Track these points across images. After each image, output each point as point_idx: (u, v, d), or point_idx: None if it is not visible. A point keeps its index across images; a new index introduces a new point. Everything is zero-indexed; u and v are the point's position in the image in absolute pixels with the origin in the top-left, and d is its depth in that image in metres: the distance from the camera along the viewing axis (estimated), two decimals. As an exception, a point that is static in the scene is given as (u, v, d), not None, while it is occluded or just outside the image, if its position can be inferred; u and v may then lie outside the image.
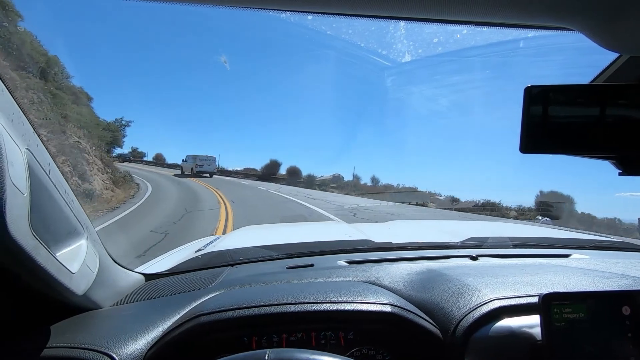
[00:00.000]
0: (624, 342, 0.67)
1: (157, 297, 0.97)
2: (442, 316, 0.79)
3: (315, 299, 0.81)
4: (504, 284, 0.86)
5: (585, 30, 0.46)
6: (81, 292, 0.74)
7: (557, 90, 0.55)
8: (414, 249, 1.34)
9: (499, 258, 1.21)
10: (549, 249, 1.35)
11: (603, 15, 0.43)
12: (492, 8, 0.42)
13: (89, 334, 0.74)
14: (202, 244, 1.67)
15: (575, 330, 0.66)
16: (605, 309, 0.68)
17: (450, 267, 1.07)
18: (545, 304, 0.67)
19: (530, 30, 0.52)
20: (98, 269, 0.82)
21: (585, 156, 0.59)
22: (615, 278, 0.89)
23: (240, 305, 0.79)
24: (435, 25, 0.49)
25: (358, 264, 1.17)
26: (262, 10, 0.45)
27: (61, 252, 0.68)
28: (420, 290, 0.91)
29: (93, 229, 0.86)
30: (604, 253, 1.34)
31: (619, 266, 1.05)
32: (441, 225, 2.35)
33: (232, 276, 1.09)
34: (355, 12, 0.45)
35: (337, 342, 0.79)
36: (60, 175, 0.72)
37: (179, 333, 0.75)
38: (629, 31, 0.44)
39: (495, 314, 0.75)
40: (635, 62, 0.54)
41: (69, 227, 0.74)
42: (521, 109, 0.55)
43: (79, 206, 0.79)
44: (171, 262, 1.37)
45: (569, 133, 0.55)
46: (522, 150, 0.55)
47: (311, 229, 2.33)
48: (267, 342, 0.78)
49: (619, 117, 0.54)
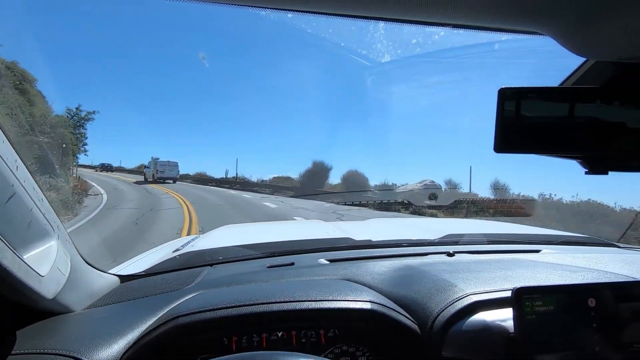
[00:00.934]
0: (590, 332, 0.71)
1: (133, 299, 0.94)
2: (421, 312, 0.81)
3: (295, 298, 0.81)
4: (479, 279, 0.88)
5: (554, 35, 0.48)
6: (51, 295, 0.71)
7: (529, 92, 0.57)
8: (393, 247, 1.36)
9: (475, 254, 1.25)
10: (521, 245, 1.40)
11: (571, 21, 0.45)
12: (467, 11, 0.44)
13: (60, 338, 0.71)
14: (180, 244, 1.63)
15: (545, 322, 0.69)
16: (572, 302, 0.72)
17: (428, 264, 1.09)
18: (518, 298, 0.69)
19: (504, 34, 0.53)
20: (69, 271, 0.79)
21: (555, 156, 0.62)
22: (582, 272, 0.93)
23: (220, 306, 0.78)
24: (413, 26, 0.50)
25: (338, 262, 1.18)
26: (242, 6, 0.44)
27: (29, 254, 0.65)
28: (399, 286, 0.93)
29: (64, 229, 0.82)
30: (572, 248, 1.41)
31: (585, 260, 1.11)
32: (419, 223, 2.40)
33: (211, 276, 1.07)
34: (335, 12, 0.45)
35: (317, 340, 0.80)
36: (28, 173, 0.68)
37: (156, 335, 0.73)
38: (595, 37, 0.46)
39: (471, 309, 0.77)
40: (601, 66, 0.57)
41: (38, 228, 0.71)
42: (495, 109, 0.57)
43: (49, 206, 0.76)
44: (147, 262, 1.33)
45: (540, 133, 0.58)
46: (496, 149, 0.57)
47: (291, 227, 2.32)
48: (247, 343, 0.77)
49: (585, 119, 0.57)
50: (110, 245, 5.75)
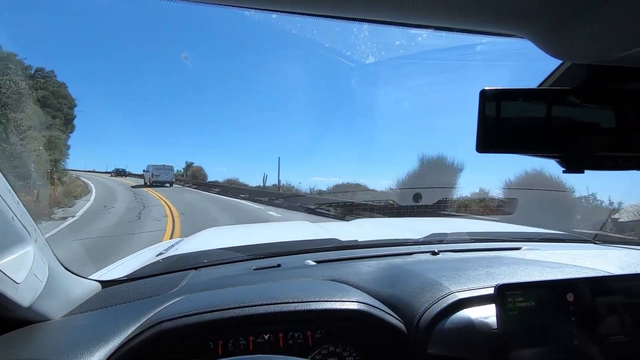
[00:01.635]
0: (569, 326, 0.73)
1: (115, 305, 0.92)
2: (406, 310, 0.82)
3: (282, 300, 0.81)
4: (463, 277, 0.90)
5: (532, 37, 0.50)
6: (28, 303, 0.68)
7: (509, 93, 0.58)
8: (379, 246, 1.37)
9: (458, 252, 1.27)
10: (503, 242, 1.44)
11: (548, 25, 0.46)
12: (448, 13, 0.44)
13: (37, 347, 0.69)
14: (164, 248, 1.60)
15: (526, 317, 0.71)
16: (552, 297, 0.74)
17: (413, 263, 1.10)
18: (500, 294, 0.71)
19: (485, 36, 0.55)
20: (47, 278, 0.76)
21: (534, 155, 0.63)
22: (561, 267, 0.96)
23: (205, 310, 0.77)
24: (396, 28, 0.50)
25: (325, 263, 1.18)
26: (226, 6, 0.44)
27: (3, 261, 0.63)
28: (385, 286, 0.94)
29: (41, 235, 0.79)
30: (552, 245, 1.45)
31: (564, 256, 1.14)
32: (404, 223, 2.43)
33: (196, 280, 1.05)
34: (320, 13, 0.45)
35: (304, 341, 0.79)
36: (2, 177, 0.66)
37: (140, 341, 0.72)
38: (571, 40, 0.48)
39: (455, 306, 0.79)
40: (577, 69, 0.58)
41: (13, 233, 0.68)
42: (477, 110, 0.58)
43: (25, 210, 0.73)
44: (130, 267, 1.30)
45: (519, 134, 0.59)
46: (478, 149, 0.58)
47: (277, 229, 2.31)
48: (233, 346, 0.76)
49: (562, 120, 0.59)
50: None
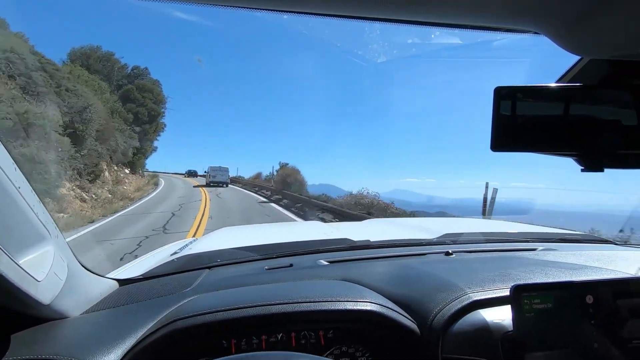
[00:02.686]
0: (589, 329, 0.71)
1: (131, 303, 0.94)
2: (420, 311, 0.81)
3: (295, 299, 0.81)
4: (477, 278, 0.89)
5: (549, 33, 0.48)
6: (48, 300, 0.70)
7: (524, 90, 0.57)
8: (392, 247, 1.36)
9: (473, 253, 1.25)
10: (519, 243, 1.41)
11: (566, 20, 0.45)
12: (462, 10, 0.44)
13: (57, 343, 0.71)
14: (178, 247, 1.62)
15: (543, 319, 0.70)
16: (570, 299, 0.72)
17: (427, 263, 1.09)
18: (516, 296, 0.70)
19: (499, 33, 0.54)
20: (67, 276, 0.79)
21: (551, 153, 0.62)
22: (580, 269, 0.94)
23: (218, 308, 0.78)
24: (409, 26, 0.50)
25: (337, 263, 1.18)
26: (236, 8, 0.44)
27: (25, 259, 0.65)
28: (398, 286, 0.93)
29: (60, 234, 0.81)
30: (570, 245, 1.41)
31: (583, 258, 1.11)
32: (417, 223, 2.40)
33: (209, 279, 1.07)
34: (331, 12, 0.45)
35: (317, 341, 0.79)
36: (23, 178, 0.68)
37: (155, 339, 0.73)
38: (589, 35, 0.47)
39: (469, 307, 0.77)
40: (595, 64, 0.57)
41: (34, 233, 0.70)
42: (492, 108, 0.57)
43: (45, 211, 0.75)
44: (145, 266, 1.33)
45: (535, 131, 0.58)
46: (493, 148, 0.57)
47: (289, 229, 2.32)
48: (246, 345, 0.77)
49: (581, 117, 0.57)
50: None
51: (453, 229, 1.72)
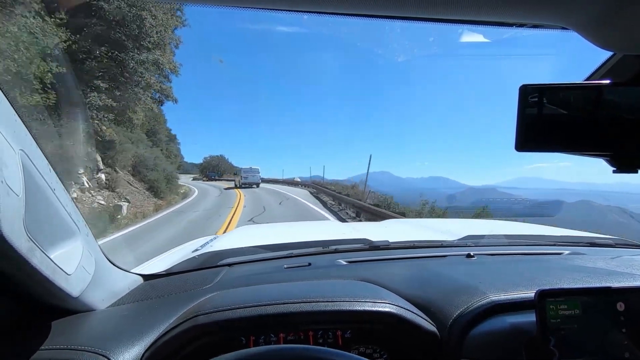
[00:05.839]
0: (619, 338, 0.67)
1: (154, 298, 0.97)
2: (440, 314, 0.80)
3: (314, 299, 0.81)
4: (499, 281, 0.86)
5: (580, 29, 0.47)
6: (77, 293, 0.73)
7: (551, 88, 0.55)
8: (411, 248, 1.35)
9: (495, 256, 1.21)
10: (544, 247, 1.36)
11: (598, 14, 0.43)
12: (486, 6, 0.43)
13: (85, 335, 0.74)
14: (199, 244, 1.66)
15: (570, 326, 0.67)
16: (599, 305, 0.69)
17: (447, 265, 1.07)
18: (541, 301, 0.67)
19: (526, 29, 0.52)
20: (94, 270, 0.82)
21: (579, 154, 0.59)
22: (610, 274, 0.89)
23: (238, 305, 0.79)
24: (429, 24, 0.49)
25: (356, 263, 1.17)
26: (253, 9, 0.44)
27: (56, 253, 0.68)
28: (418, 288, 0.92)
29: (89, 230, 0.85)
30: (598, 250, 1.35)
31: (613, 263, 1.06)
32: (437, 224, 2.36)
33: (229, 276, 1.09)
34: (350, 12, 0.45)
35: (334, 341, 0.79)
36: (55, 176, 0.71)
37: (177, 333, 0.75)
38: (623, 30, 0.44)
39: (491, 311, 0.75)
40: (629, 61, 0.54)
41: (65, 229, 0.73)
42: (516, 107, 0.55)
43: (75, 208, 0.78)
44: (168, 262, 1.37)
45: (563, 131, 0.56)
46: (518, 148, 0.56)
47: (308, 228, 2.33)
48: (264, 342, 0.78)
49: (612, 116, 0.55)
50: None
51: (475, 230, 1.68)
